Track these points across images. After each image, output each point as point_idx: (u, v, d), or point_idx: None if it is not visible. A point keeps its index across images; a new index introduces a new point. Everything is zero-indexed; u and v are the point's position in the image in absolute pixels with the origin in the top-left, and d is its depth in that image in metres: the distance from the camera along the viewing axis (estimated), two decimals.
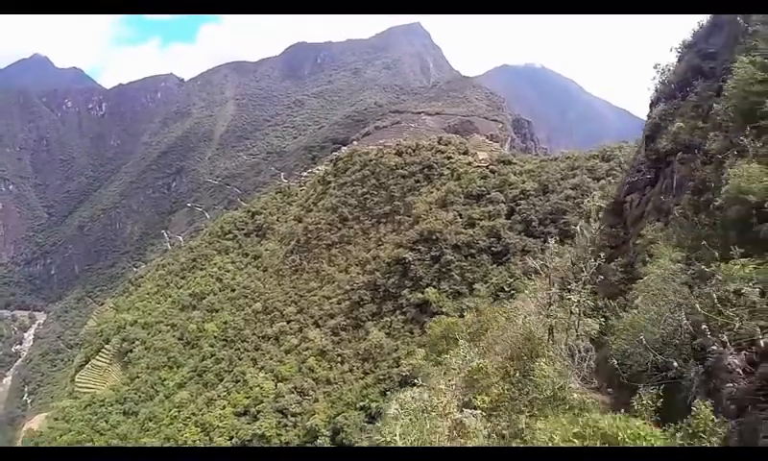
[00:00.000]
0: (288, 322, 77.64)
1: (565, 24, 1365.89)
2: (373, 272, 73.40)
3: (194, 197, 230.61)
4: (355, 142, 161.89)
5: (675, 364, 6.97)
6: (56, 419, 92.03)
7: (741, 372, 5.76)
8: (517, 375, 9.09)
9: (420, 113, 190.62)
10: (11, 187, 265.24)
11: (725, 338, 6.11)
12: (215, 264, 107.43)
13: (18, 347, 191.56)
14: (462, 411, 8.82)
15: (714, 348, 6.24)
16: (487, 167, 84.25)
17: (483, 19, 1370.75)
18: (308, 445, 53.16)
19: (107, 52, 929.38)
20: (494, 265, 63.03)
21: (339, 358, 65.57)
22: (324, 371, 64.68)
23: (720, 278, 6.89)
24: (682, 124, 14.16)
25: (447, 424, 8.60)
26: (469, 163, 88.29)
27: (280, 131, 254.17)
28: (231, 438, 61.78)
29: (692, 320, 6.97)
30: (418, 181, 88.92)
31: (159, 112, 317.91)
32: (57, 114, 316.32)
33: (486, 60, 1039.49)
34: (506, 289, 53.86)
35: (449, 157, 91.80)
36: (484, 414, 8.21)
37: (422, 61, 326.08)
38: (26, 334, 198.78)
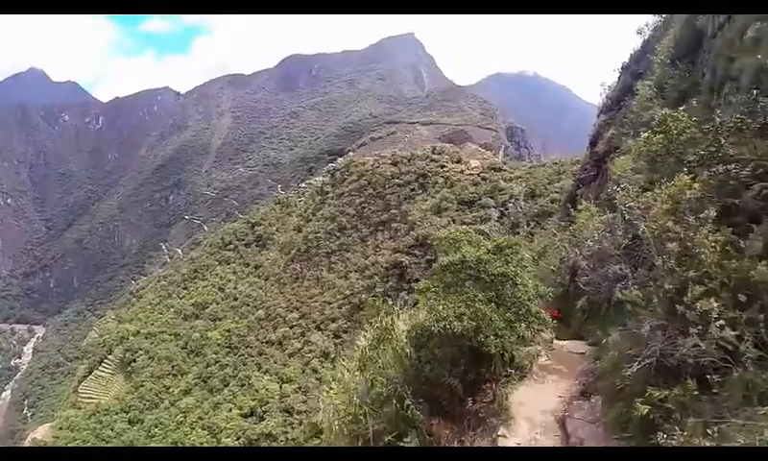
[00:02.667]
0: (291, 327, 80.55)
1: (557, 30, 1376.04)
2: (372, 276, 76.36)
3: (192, 210, 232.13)
4: (351, 153, 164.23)
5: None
6: (60, 428, 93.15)
7: (586, 268, 9.79)
8: None
9: (414, 124, 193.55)
10: (9, 201, 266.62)
11: (578, 250, 10.55)
12: (217, 274, 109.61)
13: (18, 360, 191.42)
14: None
15: (572, 256, 10.75)
16: (478, 175, 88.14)
17: (475, 27, 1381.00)
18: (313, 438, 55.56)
19: (101, 65, 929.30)
20: None
21: (341, 359, 68.20)
22: (328, 371, 67.36)
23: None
24: (614, 131, 17.64)
25: None
26: (462, 171, 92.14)
27: (276, 143, 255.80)
28: (239, 438, 64.10)
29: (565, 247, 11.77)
30: (413, 190, 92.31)
31: (156, 126, 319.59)
32: (54, 128, 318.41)
33: (479, 69, 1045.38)
34: None
35: (443, 166, 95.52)
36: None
37: (416, 72, 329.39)
38: (25, 348, 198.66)
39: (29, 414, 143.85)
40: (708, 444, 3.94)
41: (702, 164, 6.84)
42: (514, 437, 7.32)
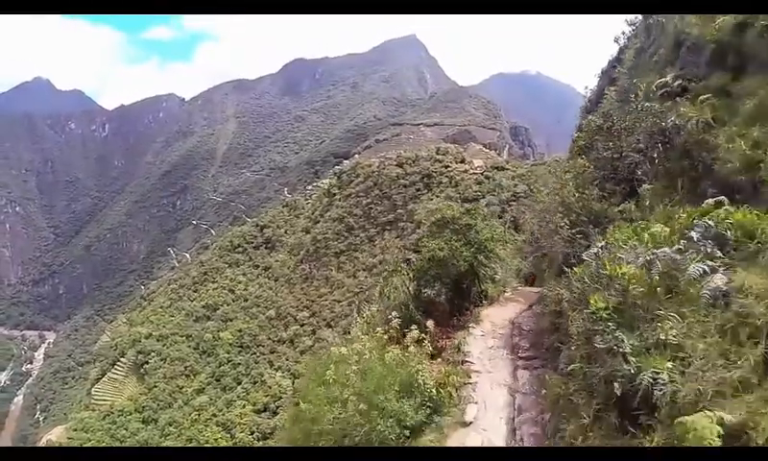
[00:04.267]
0: (301, 325, 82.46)
1: (558, 29, 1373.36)
2: (380, 274, 77.75)
3: (199, 214, 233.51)
4: (357, 155, 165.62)
5: None
6: (75, 429, 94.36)
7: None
8: None
9: (418, 125, 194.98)
10: (17, 208, 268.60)
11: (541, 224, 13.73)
12: (227, 276, 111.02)
13: (29, 366, 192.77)
14: None
15: (536, 229, 14.71)
16: (482, 174, 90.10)
17: (476, 27, 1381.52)
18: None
19: (105, 73, 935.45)
20: None
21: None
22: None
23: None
24: None
25: None
26: (466, 171, 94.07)
27: (282, 147, 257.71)
28: (252, 432, 65.66)
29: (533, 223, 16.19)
30: (418, 190, 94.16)
31: (162, 132, 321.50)
32: (60, 136, 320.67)
33: (481, 69, 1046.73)
34: None
35: (447, 166, 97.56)
36: None
37: (419, 73, 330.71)
38: (36, 354, 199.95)
39: (41, 418, 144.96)
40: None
41: (580, 153, 12.18)
42: (480, 328, 11.93)
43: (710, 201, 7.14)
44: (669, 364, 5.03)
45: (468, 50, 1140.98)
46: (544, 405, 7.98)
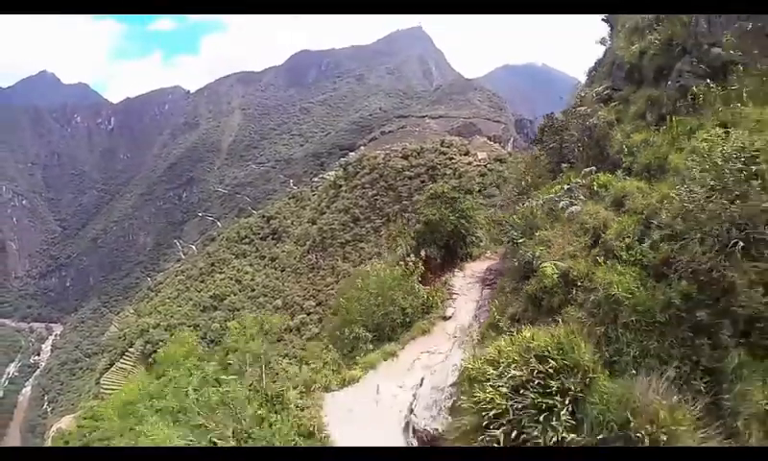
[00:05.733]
0: (308, 314, 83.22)
1: (564, 21, 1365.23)
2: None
3: (205, 206, 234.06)
4: (362, 147, 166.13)
5: None
6: (84, 418, 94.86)
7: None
8: None
9: (424, 117, 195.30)
10: (23, 202, 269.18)
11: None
12: (234, 267, 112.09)
13: (36, 358, 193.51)
14: None
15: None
16: (485, 166, 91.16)
17: (482, 19, 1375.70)
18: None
19: (111, 66, 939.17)
20: None
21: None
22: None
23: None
24: None
25: None
26: (469, 163, 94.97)
27: (287, 139, 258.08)
28: None
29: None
30: (423, 182, 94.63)
31: (168, 124, 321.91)
32: (66, 130, 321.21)
33: (487, 61, 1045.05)
34: None
35: (451, 159, 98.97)
36: None
37: (425, 65, 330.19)
38: (43, 345, 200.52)
39: (49, 409, 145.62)
40: None
41: (536, 143, 21.32)
42: (462, 273, 17.62)
43: (586, 170, 12.08)
44: (542, 248, 10.37)
45: (474, 42, 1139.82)
46: (493, 299, 13.26)
